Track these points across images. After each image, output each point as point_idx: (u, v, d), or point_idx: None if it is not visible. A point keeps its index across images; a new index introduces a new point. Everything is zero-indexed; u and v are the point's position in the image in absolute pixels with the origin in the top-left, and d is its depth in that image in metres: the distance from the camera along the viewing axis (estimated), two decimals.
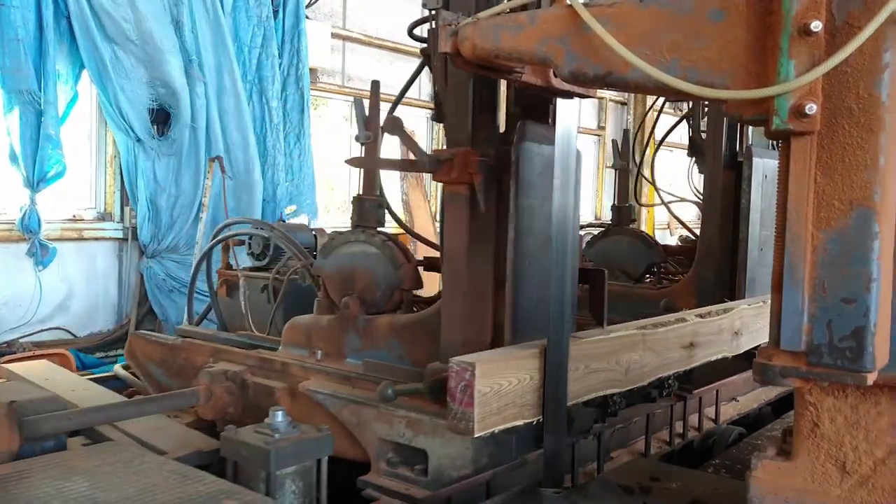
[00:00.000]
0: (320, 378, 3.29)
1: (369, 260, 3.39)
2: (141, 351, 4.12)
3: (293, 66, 8.57)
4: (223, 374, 3.44)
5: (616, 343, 2.93)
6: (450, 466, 2.79)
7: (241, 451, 2.60)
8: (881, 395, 1.92)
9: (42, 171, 6.64)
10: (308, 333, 3.49)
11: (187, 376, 3.75)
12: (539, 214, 2.98)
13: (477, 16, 2.38)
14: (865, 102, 1.74)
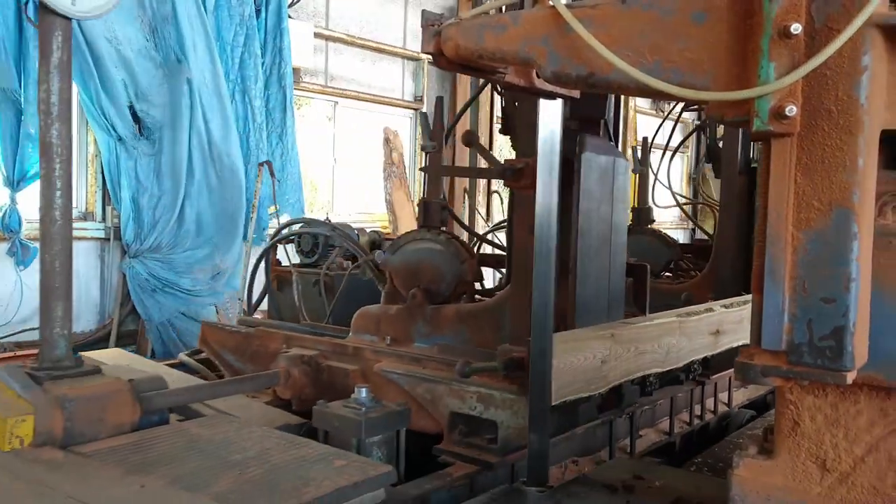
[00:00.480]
0: (392, 360, 3.64)
1: (435, 256, 3.85)
2: (213, 339, 4.48)
3: (276, 66, 8.54)
4: (299, 358, 3.79)
5: (659, 329, 3.39)
6: (517, 436, 3.09)
7: (335, 422, 2.94)
8: (860, 394, 1.95)
9: (22, 170, 6.60)
10: (378, 321, 3.89)
11: (261, 361, 4.17)
12: (596, 216, 3.46)
13: (460, 16, 2.38)
14: (844, 104, 1.76)
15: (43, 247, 2.86)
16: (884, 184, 1.89)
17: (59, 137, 2.85)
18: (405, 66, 10.87)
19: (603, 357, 3.04)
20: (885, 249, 1.89)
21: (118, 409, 2.79)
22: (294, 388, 3.73)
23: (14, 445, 2.53)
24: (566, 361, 2.84)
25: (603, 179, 3.49)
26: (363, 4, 10.12)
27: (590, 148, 3.40)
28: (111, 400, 2.78)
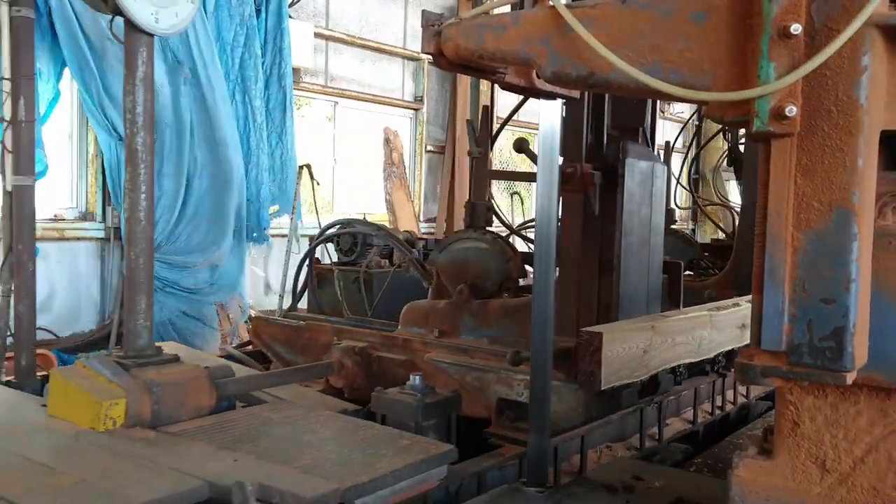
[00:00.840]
0: (441, 351, 3.91)
1: (482, 254, 4.10)
2: (265, 332, 4.80)
3: (276, 66, 8.54)
4: (351, 349, 4.08)
5: (692, 322, 3.62)
6: (562, 419, 3.40)
7: (394, 406, 3.16)
8: (860, 395, 1.95)
9: None
10: (426, 315, 4.15)
11: (311, 352, 4.46)
12: (637, 217, 3.72)
13: (460, 16, 2.38)
14: (844, 105, 1.75)
15: (128, 245, 3.16)
16: (883, 184, 1.89)
17: (144, 145, 3.16)
18: (405, 66, 10.86)
19: (645, 347, 3.28)
20: (884, 250, 1.89)
21: (198, 393, 3.06)
22: (346, 378, 4.01)
23: (108, 426, 2.81)
24: (613, 351, 3.07)
25: (643, 183, 3.76)
26: (363, 4, 10.11)
27: (632, 154, 3.66)
28: (192, 385, 3.04)
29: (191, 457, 2.59)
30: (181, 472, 2.44)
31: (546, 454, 2.80)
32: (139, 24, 3.08)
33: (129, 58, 3.13)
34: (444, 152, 11.38)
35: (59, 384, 2.98)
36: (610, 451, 3.57)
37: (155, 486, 2.33)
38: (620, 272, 3.63)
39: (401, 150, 10.52)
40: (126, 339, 3.15)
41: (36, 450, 2.67)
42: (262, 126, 8.44)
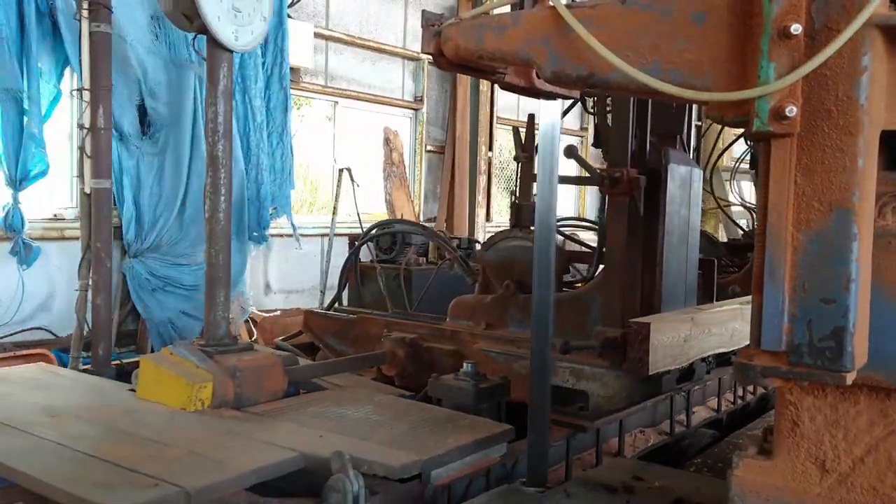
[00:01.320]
0: (489, 341, 4.29)
1: (527, 252, 4.27)
2: (317, 325, 5.17)
3: (276, 66, 8.52)
4: (403, 340, 4.38)
5: (726, 314, 3.87)
6: (606, 403, 3.80)
7: (450, 391, 3.40)
8: (860, 395, 1.95)
9: (25, 169, 6.57)
10: (473, 308, 4.51)
11: (362, 344, 4.80)
12: (678, 218, 4.07)
13: (460, 16, 2.38)
14: (844, 105, 1.75)
15: (208, 243, 3.52)
16: (883, 184, 1.89)
17: (224, 151, 3.50)
18: (405, 66, 10.86)
19: (685, 337, 3.56)
20: (884, 250, 1.89)
21: (273, 378, 3.40)
22: (398, 366, 4.31)
23: (197, 407, 3.16)
24: (658, 339, 3.35)
25: (683, 186, 4.11)
26: (363, 4, 10.11)
27: (673, 160, 3.99)
28: (268, 371, 3.40)
29: (280, 432, 2.90)
30: (276, 445, 2.74)
31: (546, 455, 2.80)
32: (222, 41, 3.42)
33: (212, 72, 3.48)
34: (443, 152, 11.38)
35: (149, 369, 3.33)
36: (643, 436, 3.85)
37: (256, 457, 2.62)
38: (663, 268, 3.97)
39: (401, 150, 10.52)
40: (207, 329, 3.52)
41: (138, 427, 2.95)
42: (262, 126, 8.43)
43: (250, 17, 3.55)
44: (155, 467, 2.47)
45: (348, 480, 2.36)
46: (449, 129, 11.36)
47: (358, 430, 2.95)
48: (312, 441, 2.80)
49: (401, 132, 10.68)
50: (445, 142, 11.38)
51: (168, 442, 2.75)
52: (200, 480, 2.39)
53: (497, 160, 12.23)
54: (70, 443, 2.72)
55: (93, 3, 5.81)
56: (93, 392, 3.55)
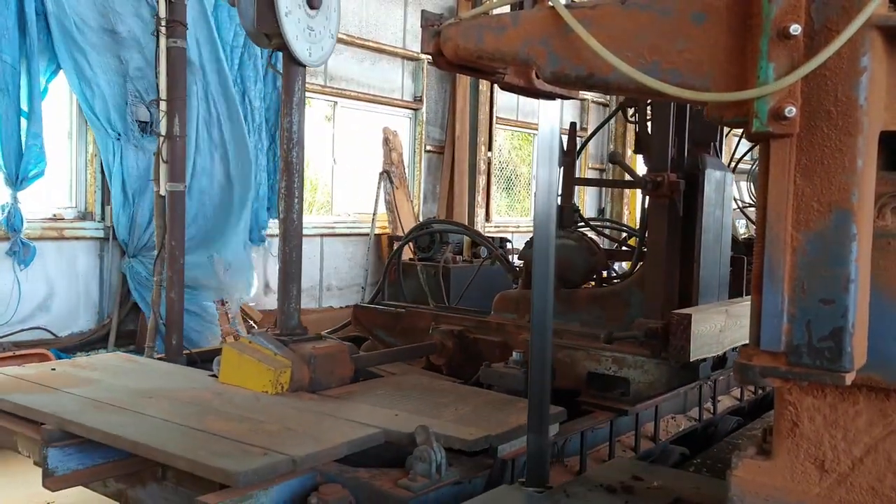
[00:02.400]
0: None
1: (569, 250, 4.78)
2: (365, 319, 5.59)
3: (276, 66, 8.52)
4: (451, 332, 4.75)
5: None
6: (646, 389, 4.08)
7: (501, 378, 3.77)
8: (859, 395, 1.95)
9: (25, 169, 6.58)
10: (517, 302, 4.81)
11: (410, 336, 5.16)
12: (713, 218, 4.38)
13: (460, 16, 2.38)
14: (843, 105, 1.76)
15: (283, 241, 3.96)
16: (883, 185, 1.89)
17: (297, 158, 3.85)
18: (405, 66, 10.86)
19: (721, 327, 3.83)
20: (884, 250, 1.89)
21: (342, 365, 3.78)
22: (447, 356, 4.70)
23: (278, 390, 3.51)
24: (698, 329, 3.61)
25: (718, 190, 4.43)
26: (363, 4, 10.11)
27: (709, 165, 4.34)
28: (338, 358, 3.77)
29: (359, 412, 3.21)
30: (359, 423, 3.05)
31: (546, 454, 2.80)
32: (298, 57, 3.78)
33: (288, 85, 3.81)
34: (443, 152, 11.38)
35: (232, 356, 3.69)
36: (675, 421, 4.17)
37: (344, 432, 2.93)
38: (700, 264, 4.28)
39: (400, 150, 10.52)
40: (281, 320, 3.93)
41: (230, 406, 3.28)
42: (262, 126, 8.44)
43: (321, 35, 3.90)
44: (260, 439, 2.80)
45: (432, 451, 2.66)
46: (448, 129, 11.36)
47: (427, 410, 3.26)
48: (390, 419, 3.11)
49: (400, 132, 10.68)
50: (445, 142, 11.38)
51: (263, 419, 3.07)
52: (303, 450, 2.70)
53: (496, 160, 12.23)
54: (176, 419, 3.04)
55: (170, 21, 6.33)
56: (177, 377, 3.89)
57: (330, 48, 3.93)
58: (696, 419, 4.28)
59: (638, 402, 3.87)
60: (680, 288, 4.32)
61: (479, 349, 4.68)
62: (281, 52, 3.84)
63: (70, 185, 7.55)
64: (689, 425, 4.20)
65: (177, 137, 6.37)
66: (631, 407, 3.76)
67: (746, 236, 8.50)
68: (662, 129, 4.37)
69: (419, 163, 11.15)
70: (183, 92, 6.44)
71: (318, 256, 9.64)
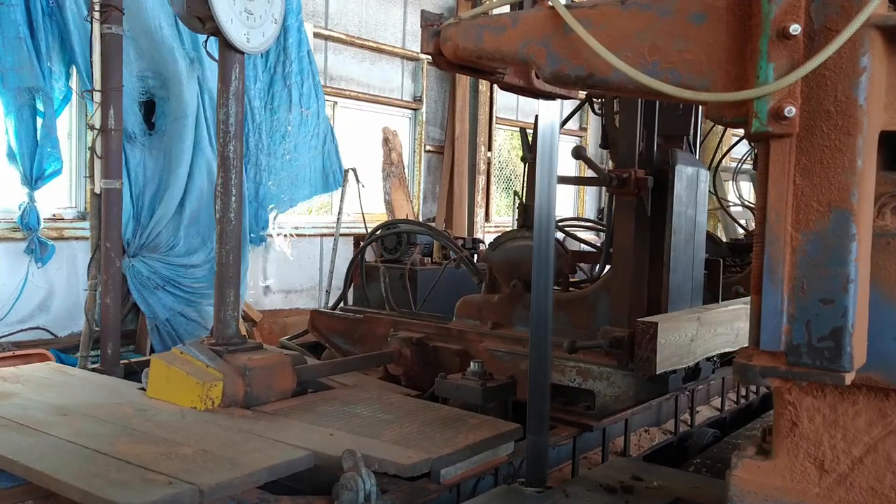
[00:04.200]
0: (495, 341, 4.28)
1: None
2: (323, 325, 5.17)
3: (279, 64, 8.51)
4: (409, 339, 4.40)
5: (731, 314, 3.85)
6: (613, 402, 3.81)
7: (457, 391, 3.47)
8: (859, 395, 1.95)
9: (41, 168, 6.59)
10: (480, 308, 4.51)
11: (368, 343, 4.84)
12: (684, 217, 4.06)
13: (459, 16, 2.38)
14: (843, 105, 1.76)
15: (219, 243, 3.55)
16: (882, 185, 1.89)
17: (235, 153, 3.56)
18: (404, 66, 10.86)
19: (692, 336, 3.57)
20: (883, 250, 1.89)
21: (283, 377, 3.45)
22: (405, 366, 4.36)
23: (208, 406, 3.20)
24: (666, 339, 3.35)
25: (689, 187, 4.11)
26: (362, 4, 10.11)
27: (680, 160, 4.00)
28: (278, 370, 3.43)
29: (291, 431, 2.94)
30: (287, 444, 2.77)
31: (546, 455, 2.80)
32: (234, 43, 3.45)
33: (224, 74, 3.50)
34: (442, 152, 11.38)
35: (160, 368, 3.36)
36: (648, 435, 3.92)
37: (269, 455, 2.64)
38: (669, 267, 3.97)
39: (400, 150, 10.52)
40: (217, 329, 3.53)
41: (150, 425, 2.99)
42: (261, 126, 8.42)
43: (262, 19, 3.58)
44: (168, 465, 2.51)
45: (360, 478, 2.40)
46: (448, 129, 11.36)
47: (368, 428, 3.00)
48: (323, 439, 2.83)
49: (400, 132, 10.67)
50: (444, 142, 11.38)
51: (180, 440, 2.78)
52: (213, 478, 2.42)
53: (496, 160, 12.23)
54: (83, 441, 2.75)
55: (104, 4, 5.85)
56: (103, 391, 3.58)
57: (273, 34, 3.64)
58: (671, 432, 4.03)
59: (605, 416, 3.65)
60: (649, 293, 4.02)
61: (440, 358, 4.40)
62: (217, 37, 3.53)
63: (70, 185, 7.55)
64: (663, 439, 3.95)
65: (112, 131, 5.85)
66: (597, 422, 3.53)
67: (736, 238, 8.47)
68: (630, 122, 4.06)
69: (419, 163, 11.15)
70: (119, 82, 5.91)
71: (317, 257, 9.64)
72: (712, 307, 4.01)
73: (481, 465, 2.91)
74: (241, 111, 3.51)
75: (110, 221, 5.76)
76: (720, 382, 4.43)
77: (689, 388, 4.13)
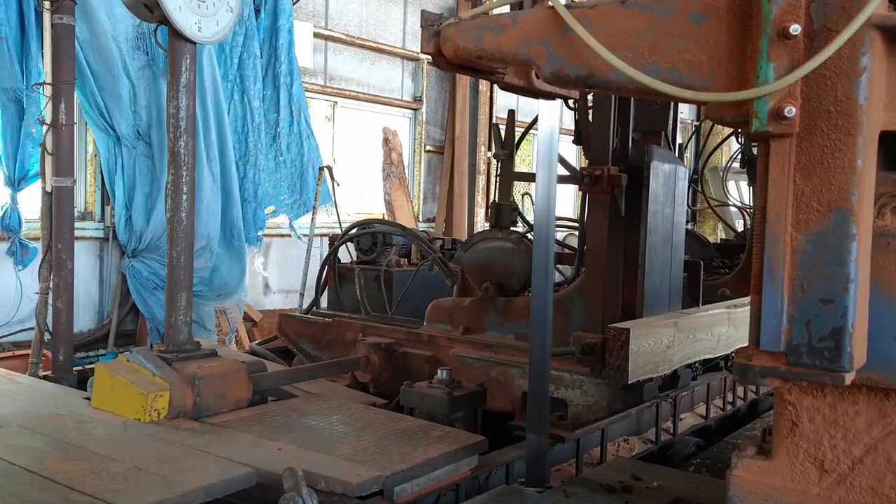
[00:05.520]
0: (466, 346, 4.10)
1: (507, 253, 4.21)
2: (291, 329, 4.97)
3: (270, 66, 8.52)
4: (378, 345, 4.19)
5: (712, 319, 3.72)
6: (586, 412, 3.62)
7: (423, 400, 3.28)
8: (859, 395, 1.95)
9: (23, 169, 6.59)
10: (451, 312, 4.30)
11: (337, 348, 4.64)
12: (661, 217, 3.87)
13: (459, 16, 2.38)
14: (843, 105, 1.76)
15: (170, 244, 3.31)
16: (882, 185, 1.89)
17: (186, 148, 3.31)
18: (404, 66, 10.86)
19: (668, 343, 3.39)
20: (883, 250, 1.89)
21: (236, 386, 3.23)
22: (373, 372, 4.15)
23: (153, 417, 2.98)
24: (639, 346, 3.19)
25: (667, 185, 3.92)
26: (362, 4, 10.11)
27: (656, 157, 3.81)
28: (231, 378, 3.22)
29: (237, 446, 2.74)
30: (230, 460, 2.58)
31: (546, 454, 2.80)
32: (183, 32, 3.24)
33: (174, 65, 3.29)
34: (443, 152, 11.39)
35: (104, 377, 3.14)
36: (627, 445, 3.67)
37: (207, 473, 2.46)
38: (645, 270, 3.78)
39: (400, 150, 10.52)
40: (167, 335, 3.30)
41: (87, 440, 2.79)
42: (261, 126, 8.44)
43: (215, 7, 3.36)
44: (95, 485, 2.34)
45: (300, 499, 2.24)
46: (448, 129, 11.37)
47: (321, 442, 2.81)
48: (270, 455, 2.64)
49: (400, 132, 10.68)
50: (444, 142, 11.38)
51: (115, 456, 2.59)
52: (141, 499, 2.25)
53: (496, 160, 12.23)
54: (11, 457, 2.57)
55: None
56: (45, 401, 3.36)
57: (228, 23, 3.42)
58: (653, 441, 3.79)
59: (578, 426, 3.41)
60: (624, 297, 3.82)
61: (409, 365, 4.19)
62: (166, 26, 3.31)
63: None
64: (643, 449, 3.70)
65: (63, 126, 5.50)
66: (569, 432, 3.30)
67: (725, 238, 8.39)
68: (603, 117, 3.83)
69: (419, 163, 11.16)
70: (70, 75, 5.57)
71: (318, 257, 9.65)
72: (691, 311, 3.82)
73: (441, 481, 2.71)
74: (192, 104, 3.32)
75: (62, 221, 5.45)
76: (705, 388, 4.24)
77: (666, 397, 3.90)
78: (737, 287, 5.08)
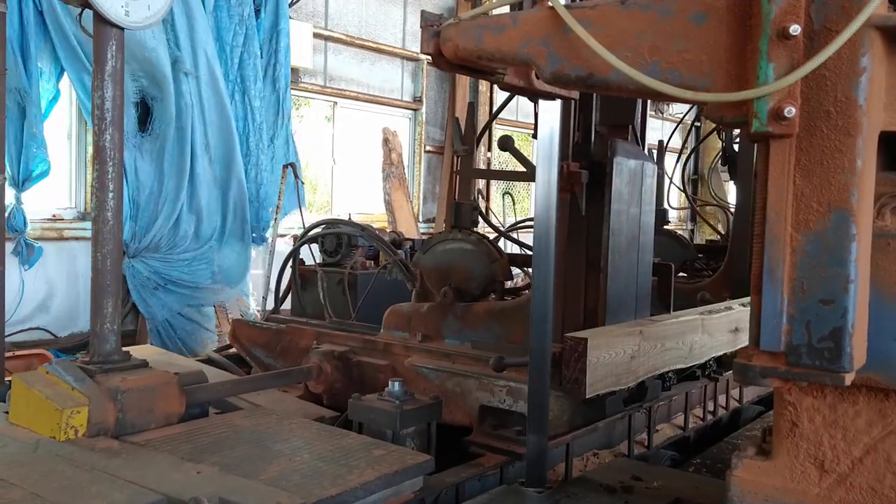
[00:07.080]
0: (422, 355, 3.79)
1: (466, 256, 3.99)
2: (244, 335, 4.69)
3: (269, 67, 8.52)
4: (331, 354, 3.92)
5: (683, 326, 3.54)
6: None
7: (371, 414, 3.04)
8: (859, 395, 1.95)
9: (27, 170, 6.60)
10: (409, 318, 4.02)
11: (291, 357, 4.34)
12: (626, 217, 3.62)
13: (459, 16, 2.38)
14: (843, 106, 1.76)
15: (95, 246, 3.04)
16: (882, 185, 1.89)
17: (112, 142, 3.03)
18: (404, 66, 10.86)
19: (632, 353, 3.17)
20: (883, 251, 1.89)
21: (166, 400, 2.96)
22: (326, 383, 3.88)
23: (69, 435, 2.69)
24: (599, 357, 2.97)
25: (632, 182, 3.67)
26: (362, 5, 10.11)
27: (620, 152, 3.57)
28: (160, 392, 2.95)
29: (152, 469, 2.50)
30: (140, 486, 2.34)
31: (545, 455, 2.80)
32: (108, 17, 2.98)
33: (98, 52, 3.01)
34: (442, 153, 11.39)
35: (20, 390, 2.87)
36: (597, 459, 3.49)
37: (111, 501, 2.23)
38: (608, 273, 3.53)
39: (399, 151, 10.52)
40: (91, 344, 3.03)
41: None
42: (262, 126, 8.44)
43: None
44: None
45: None
46: (448, 130, 11.36)
47: (248, 463, 2.57)
48: (187, 480, 2.40)
49: (400, 132, 10.68)
50: (444, 142, 11.38)
51: (16, 480, 2.35)
52: None
53: (496, 160, 12.24)
54: None
55: None
56: None
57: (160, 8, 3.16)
58: (625, 455, 3.61)
59: None
60: (586, 303, 3.57)
61: (363, 375, 3.93)
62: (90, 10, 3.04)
63: (70, 186, 7.55)
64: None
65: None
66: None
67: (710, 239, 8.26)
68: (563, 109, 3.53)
69: (419, 163, 11.16)
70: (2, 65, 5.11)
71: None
72: (660, 318, 3.59)
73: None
74: (119, 94, 3.06)
75: None
76: (683, 398, 4.01)
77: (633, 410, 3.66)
78: (717, 290, 4.96)
